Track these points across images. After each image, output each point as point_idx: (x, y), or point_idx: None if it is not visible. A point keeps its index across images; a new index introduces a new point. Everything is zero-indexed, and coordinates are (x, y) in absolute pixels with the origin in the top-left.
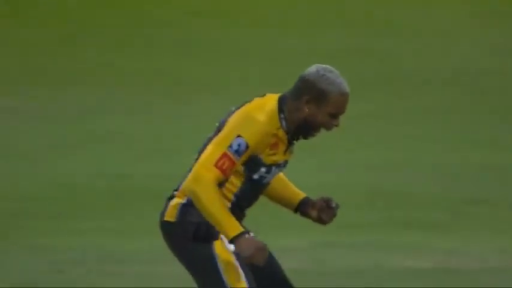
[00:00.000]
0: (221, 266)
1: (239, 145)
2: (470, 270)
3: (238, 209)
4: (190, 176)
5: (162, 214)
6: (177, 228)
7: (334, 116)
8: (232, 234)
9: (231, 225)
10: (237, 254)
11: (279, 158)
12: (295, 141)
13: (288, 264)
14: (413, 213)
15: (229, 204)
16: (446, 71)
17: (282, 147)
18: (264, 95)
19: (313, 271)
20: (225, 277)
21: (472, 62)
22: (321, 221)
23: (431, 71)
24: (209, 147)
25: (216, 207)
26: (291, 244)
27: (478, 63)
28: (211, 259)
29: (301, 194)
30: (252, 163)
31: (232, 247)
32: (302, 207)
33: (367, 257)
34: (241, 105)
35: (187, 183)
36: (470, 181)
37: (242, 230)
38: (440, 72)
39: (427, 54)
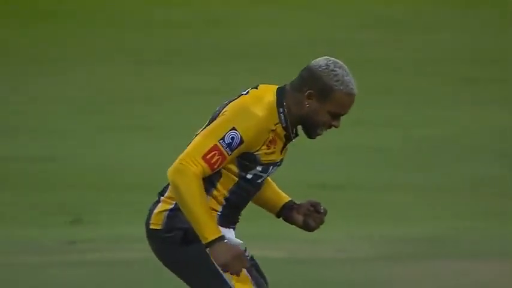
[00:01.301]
0: (221, 270)
1: (232, 139)
2: (325, 259)
3: (230, 211)
4: (174, 164)
5: (148, 222)
6: (164, 236)
7: (335, 116)
8: (209, 237)
9: (209, 227)
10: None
11: (277, 155)
12: (294, 139)
13: (140, 253)
14: None
15: (220, 208)
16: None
17: (279, 145)
18: (258, 85)
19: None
20: (226, 276)
21: None
22: (307, 226)
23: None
24: (199, 137)
25: (196, 205)
26: (137, 231)
27: None
28: (206, 259)
29: (286, 198)
30: (247, 161)
31: (235, 241)
32: (286, 212)
33: None
34: (237, 97)
35: (169, 171)
36: (328, 164)
37: (220, 234)
38: None
39: None
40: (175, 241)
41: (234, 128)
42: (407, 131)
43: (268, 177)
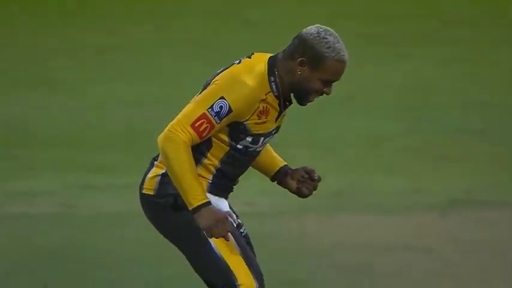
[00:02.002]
0: (212, 239)
1: (221, 107)
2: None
3: (222, 180)
4: (163, 132)
5: (141, 185)
6: (156, 201)
7: (327, 82)
8: (194, 203)
9: (195, 194)
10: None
11: (269, 125)
12: (287, 107)
13: (39, 209)
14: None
15: (210, 176)
16: None
17: (273, 114)
18: (251, 54)
19: (67, 214)
20: (218, 248)
21: None
22: (300, 193)
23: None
24: (189, 105)
25: (183, 171)
26: (43, 187)
27: None
28: (195, 225)
29: (281, 162)
30: (237, 131)
31: (225, 209)
32: (280, 177)
33: (125, 199)
34: (229, 66)
35: (159, 138)
36: None
37: (206, 200)
38: None
39: None
40: (166, 207)
41: (222, 97)
42: None
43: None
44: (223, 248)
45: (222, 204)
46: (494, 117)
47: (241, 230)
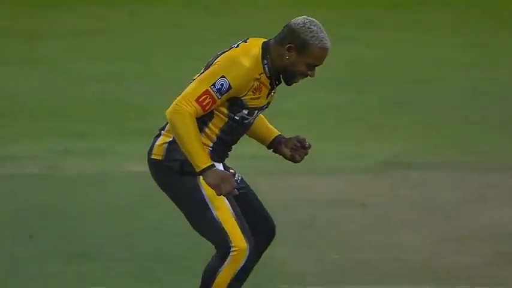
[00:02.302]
0: (207, 197)
1: (222, 85)
2: None
3: (221, 147)
4: (171, 106)
5: (150, 151)
6: (164, 165)
7: (311, 66)
8: (201, 166)
9: (201, 158)
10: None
11: (262, 101)
12: (277, 86)
13: (26, 170)
14: (142, 123)
15: (211, 144)
16: None
17: (265, 91)
18: (247, 39)
19: (50, 175)
20: (212, 206)
21: None
22: (293, 159)
23: None
24: (194, 83)
25: (190, 139)
26: (29, 151)
27: None
28: (198, 191)
29: (276, 132)
30: (235, 105)
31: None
32: (275, 145)
33: (101, 162)
34: (228, 49)
35: (168, 112)
36: None
37: (211, 163)
38: None
39: None
40: (173, 171)
41: (223, 76)
42: None
43: (261, 114)
44: (220, 212)
45: (219, 167)
46: (420, 91)
47: (237, 178)
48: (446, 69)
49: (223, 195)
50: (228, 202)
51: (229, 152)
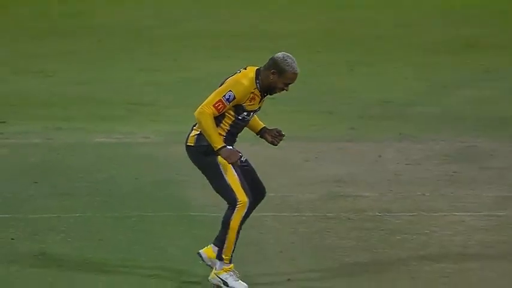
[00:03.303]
0: (222, 169)
1: (230, 96)
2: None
3: (231, 136)
4: (198, 109)
5: (186, 140)
6: (195, 149)
7: (287, 85)
8: (218, 146)
9: (217, 141)
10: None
11: (255, 106)
12: (265, 96)
13: (30, 140)
14: (104, 111)
15: (224, 133)
16: None
17: (257, 100)
18: (246, 67)
19: (47, 144)
20: (225, 175)
21: None
22: (272, 143)
23: None
24: (212, 95)
25: (210, 130)
26: (32, 129)
27: None
28: (216, 165)
29: (262, 125)
30: (239, 109)
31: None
32: (261, 133)
33: (79, 136)
34: (234, 74)
35: (196, 113)
36: None
37: (224, 144)
38: None
39: None
40: (201, 152)
41: (230, 90)
42: None
43: (255, 115)
44: (230, 178)
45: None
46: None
47: (247, 162)
48: None
49: (231, 165)
50: (235, 172)
51: (236, 139)
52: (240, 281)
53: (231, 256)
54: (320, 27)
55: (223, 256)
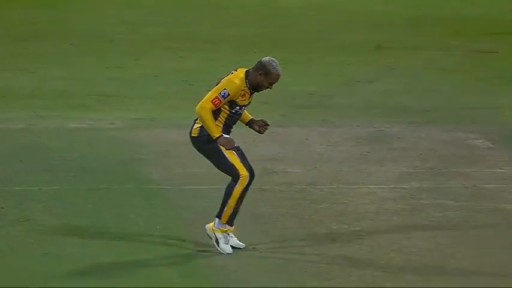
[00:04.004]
0: (224, 152)
1: (224, 93)
2: None
3: (227, 128)
4: (198, 104)
5: (190, 132)
6: (199, 139)
7: (271, 84)
8: (216, 135)
9: (216, 131)
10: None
11: (246, 101)
12: (253, 93)
13: (16, 126)
14: (76, 101)
15: (221, 125)
16: None
17: (247, 96)
18: (237, 69)
19: (30, 129)
20: (227, 156)
21: None
22: (259, 132)
23: None
24: (210, 92)
25: (209, 122)
26: (18, 116)
27: None
28: (218, 149)
29: (250, 117)
30: (233, 104)
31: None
32: (250, 123)
33: (56, 122)
34: (228, 74)
35: (197, 108)
36: None
37: (221, 133)
38: None
39: None
40: (204, 141)
41: (225, 88)
42: None
43: (245, 109)
44: (231, 157)
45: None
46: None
47: (238, 147)
48: None
49: (229, 150)
50: (235, 152)
51: (231, 130)
52: (229, 245)
53: (229, 219)
54: (256, 32)
55: (222, 216)
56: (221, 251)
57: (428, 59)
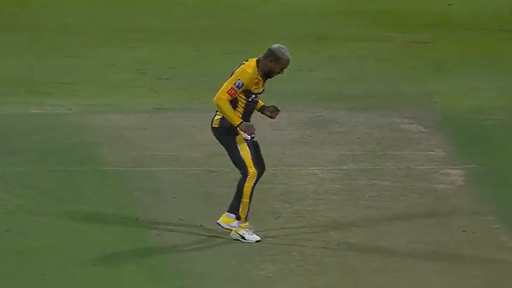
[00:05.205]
0: (238, 146)
1: (239, 83)
2: None
3: (246, 116)
4: (216, 96)
5: (212, 123)
6: (219, 129)
7: (282, 69)
8: (237, 123)
9: (236, 119)
10: (246, 140)
11: (260, 88)
12: (266, 80)
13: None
14: (45, 89)
15: (240, 114)
16: None
17: (261, 84)
18: (248, 59)
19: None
20: (240, 151)
21: None
22: (270, 117)
23: None
24: (225, 84)
25: (228, 111)
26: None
27: None
28: (234, 143)
29: (262, 103)
30: (248, 93)
31: (245, 136)
32: (262, 110)
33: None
34: (241, 64)
35: (214, 99)
36: None
37: (241, 121)
38: None
39: None
40: (224, 131)
41: (239, 79)
42: None
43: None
44: (244, 153)
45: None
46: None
47: (255, 139)
48: None
49: (249, 135)
50: (248, 148)
51: (250, 118)
52: (254, 234)
53: (246, 215)
54: (205, 24)
55: (241, 215)
56: (250, 242)
57: (365, 49)
